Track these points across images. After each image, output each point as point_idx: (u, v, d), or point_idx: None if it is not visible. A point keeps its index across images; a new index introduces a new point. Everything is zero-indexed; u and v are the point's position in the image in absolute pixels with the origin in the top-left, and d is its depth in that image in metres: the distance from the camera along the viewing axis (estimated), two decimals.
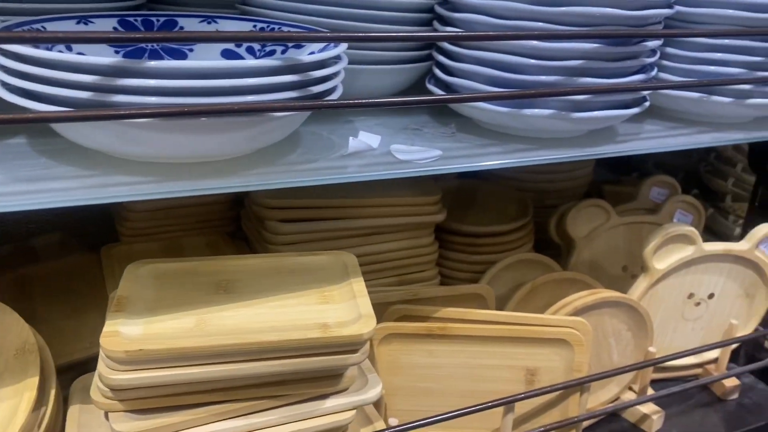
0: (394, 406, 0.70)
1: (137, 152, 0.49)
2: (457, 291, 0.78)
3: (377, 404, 0.66)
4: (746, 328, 0.88)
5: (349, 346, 0.53)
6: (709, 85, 0.65)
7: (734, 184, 1.11)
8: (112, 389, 0.51)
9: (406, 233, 0.83)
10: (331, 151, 0.56)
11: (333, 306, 0.57)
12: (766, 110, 0.72)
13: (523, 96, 0.55)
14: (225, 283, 0.59)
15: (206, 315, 0.55)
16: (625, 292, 0.80)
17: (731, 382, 0.87)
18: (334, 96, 0.53)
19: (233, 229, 0.89)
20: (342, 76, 0.55)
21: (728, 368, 0.89)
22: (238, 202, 0.88)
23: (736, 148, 1.11)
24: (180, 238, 0.85)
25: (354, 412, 0.58)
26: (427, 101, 0.51)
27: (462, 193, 1.02)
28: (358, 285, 0.59)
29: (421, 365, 0.69)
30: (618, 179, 1.21)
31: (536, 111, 0.59)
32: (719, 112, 0.71)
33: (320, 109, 0.46)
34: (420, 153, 0.56)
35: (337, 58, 0.55)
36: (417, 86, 0.70)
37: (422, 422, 0.63)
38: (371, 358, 0.68)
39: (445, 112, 0.69)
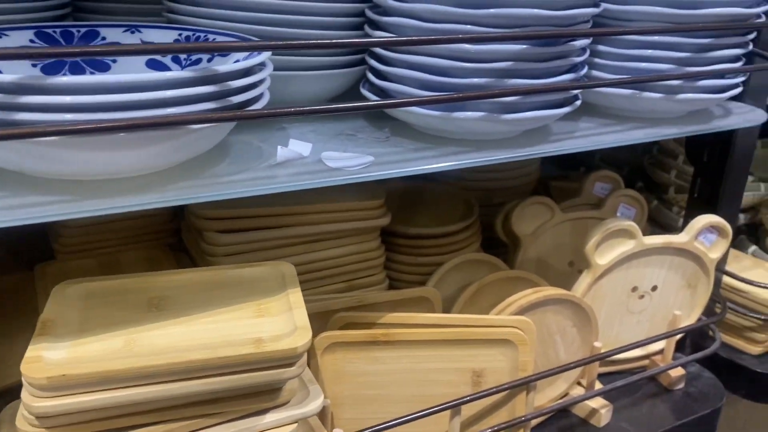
0: (341, 416, 0.69)
1: (51, 171, 0.47)
2: (403, 295, 0.78)
3: (323, 415, 0.65)
4: (690, 317, 0.90)
5: (285, 360, 0.52)
6: (636, 82, 0.66)
7: (676, 175, 1.13)
8: (38, 417, 0.49)
9: (351, 238, 0.82)
10: (260, 160, 0.55)
11: (268, 319, 0.56)
12: (697, 105, 0.74)
13: (450, 100, 0.54)
14: (157, 301, 0.58)
15: (135, 335, 0.53)
16: (572, 286, 0.81)
17: (677, 372, 0.89)
18: (260, 104, 0.52)
19: (174, 241, 0.87)
20: (267, 83, 0.54)
21: (674, 358, 0.90)
22: (179, 213, 0.86)
23: (677, 140, 1.13)
24: (118, 253, 0.83)
25: (295, 425, 0.57)
26: (350, 108, 0.50)
27: (408, 194, 1.01)
28: (295, 296, 0.58)
29: (366, 373, 0.69)
30: (565, 175, 1.22)
31: (467, 114, 0.59)
32: (651, 107, 0.72)
33: (240, 120, 0.45)
34: (351, 160, 0.55)
35: (261, 66, 0.54)
36: (355, 90, 0.70)
37: (368, 430, 0.62)
38: (315, 368, 0.67)
39: (380, 117, 0.68)
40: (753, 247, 1.10)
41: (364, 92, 0.66)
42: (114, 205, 0.45)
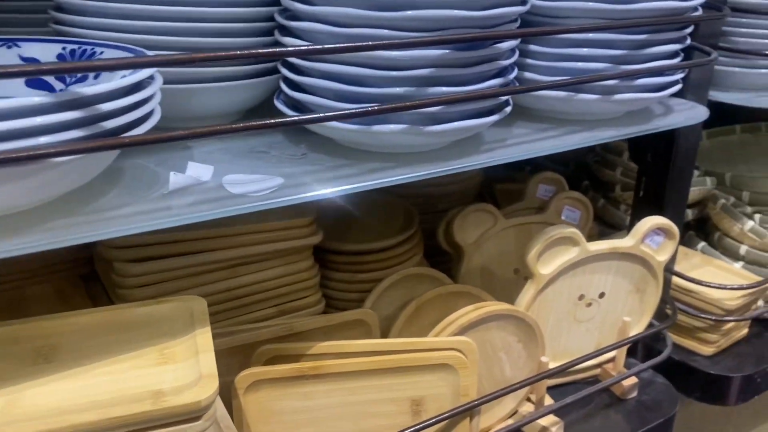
0: None
1: None
2: (336, 319, 0.72)
3: None
4: (640, 322, 0.87)
5: (188, 414, 0.46)
6: (570, 84, 0.61)
7: (622, 173, 1.10)
8: None
9: (281, 260, 0.76)
10: (154, 188, 0.49)
11: (172, 366, 0.50)
12: (636, 104, 0.70)
13: (366, 113, 0.49)
14: (47, 350, 0.51)
15: (18, 394, 0.47)
16: (518, 295, 0.77)
17: (630, 381, 0.85)
18: (148, 124, 0.46)
19: (87, 272, 0.80)
20: (157, 99, 0.48)
21: (626, 363, 0.87)
22: None
23: None
24: (23, 288, 0.75)
25: None
26: (247, 128, 0.44)
27: (345, 207, 0.96)
28: (203, 337, 0.52)
29: (296, 410, 0.63)
30: (510, 176, 1.18)
31: (388, 127, 0.53)
32: (587, 109, 0.68)
33: (112, 148, 0.39)
34: (258, 183, 0.50)
35: (150, 80, 0.48)
36: (271, 100, 0.64)
37: None
38: (238, 409, 0.61)
39: (298, 130, 0.62)
40: (702, 244, 1.08)
41: (278, 104, 0.60)
42: None
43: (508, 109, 0.60)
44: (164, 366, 0.50)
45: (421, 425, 0.63)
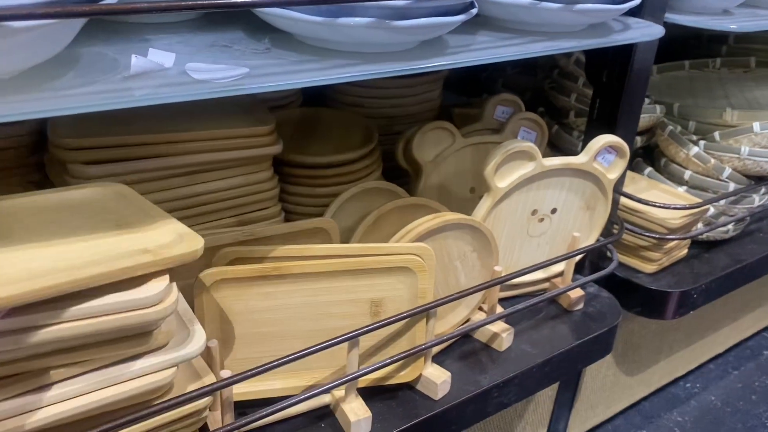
0: (233, 356, 0.65)
1: None
2: (298, 227, 0.73)
3: (209, 356, 0.60)
4: (589, 239, 0.90)
5: (184, 261, 0.47)
6: None
7: (576, 99, 1.12)
8: None
9: (240, 168, 0.76)
10: (113, 73, 0.48)
11: (140, 234, 0.50)
12: (596, 16, 0.71)
13: (333, 1, 0.48)
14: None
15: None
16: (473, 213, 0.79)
17: (576, 294, 0.89)
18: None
19: (39, 178, 0.77)
20: None
21: (574, 280, 0.91)
22: (41, 145, 0.76)
23: (577, 63, 1.12)
24: None
25: (174, 370, 0.52)
26: (214, 5, 0.43)
27: (304, 122, 0.95)
28: (153, 210, 0.53)
29: (258, 309, 0.64)
30: (467, 101, 1.19)
31: (352, 19, 0.53)
32: (550, 19, 0.68)
33: (77, 16, 0.37)
34: (222, 72, 0.49)
35: None
36: None
37: (257, 370, 0.58)
38: (200, 307, 0.62)
39: (260, 28, 0.61)
40: (648, 169, 1.12)
41: None
42: None
43: (474, 10, 0.60)
44: (130, 234, 0.50)
45: (379, 323, 0.65)
